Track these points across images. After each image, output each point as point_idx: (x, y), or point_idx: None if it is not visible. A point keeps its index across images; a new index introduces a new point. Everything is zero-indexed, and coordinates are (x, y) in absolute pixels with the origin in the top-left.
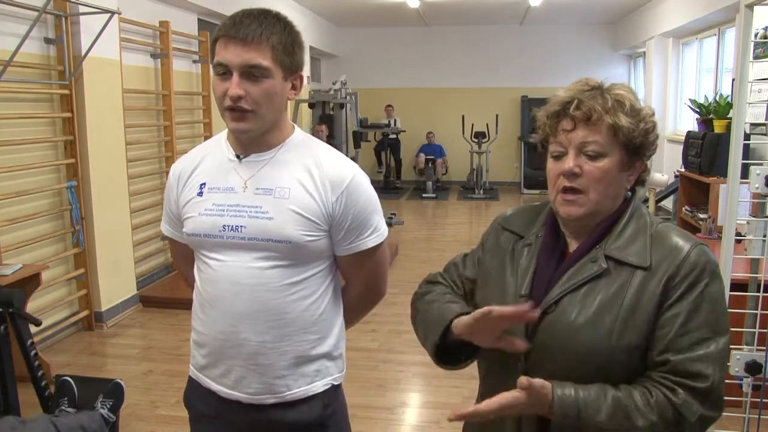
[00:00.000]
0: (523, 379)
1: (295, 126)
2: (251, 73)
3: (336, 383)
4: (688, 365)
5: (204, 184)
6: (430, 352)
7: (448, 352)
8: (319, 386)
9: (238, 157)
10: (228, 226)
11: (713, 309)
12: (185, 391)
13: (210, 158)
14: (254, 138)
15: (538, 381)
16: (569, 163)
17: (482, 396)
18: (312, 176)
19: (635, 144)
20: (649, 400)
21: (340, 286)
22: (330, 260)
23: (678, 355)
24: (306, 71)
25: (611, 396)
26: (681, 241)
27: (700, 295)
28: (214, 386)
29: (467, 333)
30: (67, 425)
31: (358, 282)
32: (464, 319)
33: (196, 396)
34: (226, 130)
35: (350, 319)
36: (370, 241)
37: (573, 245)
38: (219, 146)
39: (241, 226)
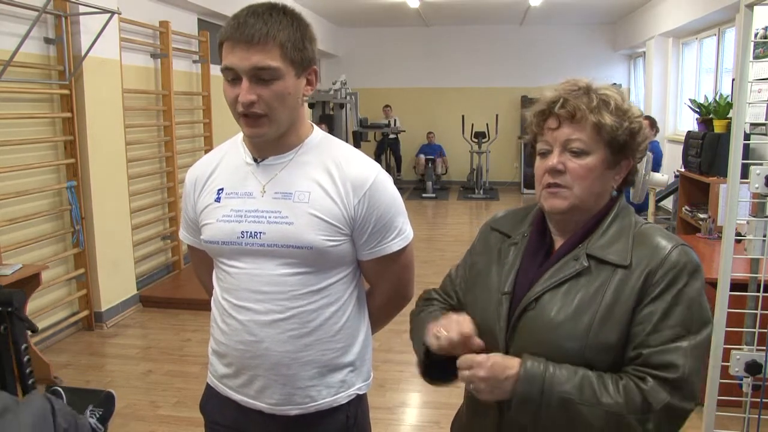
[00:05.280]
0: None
1: (314, 125)
2: (261, 76)
3: (361, 393)
4: (659, 356)
5: (222, 189)
6: (419, 372)
7: (438, 367)
8: (343, 398)
9: (255, 160)
10: (247, 232)
11: (689, 308)
12: (202, 399)
13: (227, 162)
14: (271, 141)
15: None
16: (553, 159)
17: (469, 396)
18: (332, 178)
19: (619, 142)
20: (618, 384)
21: (364, 292)
22: (353, 265)
23: (649, 349)
24: None
25: (581, 374)
26: (663, 241)
27: (677, 295)
28: (235, 395)
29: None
30: (62, 408)
31: (383, 287)
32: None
33: (213, 404)
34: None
35: (375, 326)
36: (394, 245)
37: (558, 244)
38: (235, 149)
39: (261, 233)
